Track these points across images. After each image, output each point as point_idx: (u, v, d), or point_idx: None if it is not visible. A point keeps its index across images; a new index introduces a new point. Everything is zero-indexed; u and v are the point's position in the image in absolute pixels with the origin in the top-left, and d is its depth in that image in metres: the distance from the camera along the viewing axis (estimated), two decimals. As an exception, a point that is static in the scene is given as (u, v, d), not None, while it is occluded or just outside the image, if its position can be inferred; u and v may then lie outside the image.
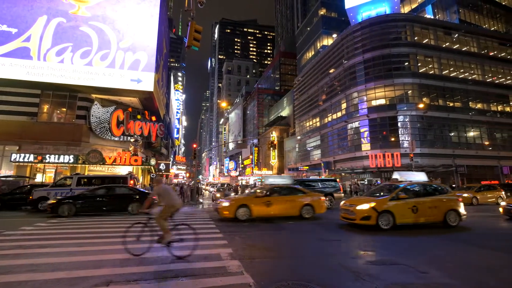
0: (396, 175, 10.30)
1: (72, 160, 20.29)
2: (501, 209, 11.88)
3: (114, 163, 21.54)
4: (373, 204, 8.40)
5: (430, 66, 35.47)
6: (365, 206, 8.48)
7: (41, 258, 5.31)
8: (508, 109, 37.93)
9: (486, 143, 35.43)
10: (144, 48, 21.91)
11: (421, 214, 8.63)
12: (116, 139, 23.46)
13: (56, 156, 20.14)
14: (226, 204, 10.79)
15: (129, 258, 5.26)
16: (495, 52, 38.98)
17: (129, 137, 24.11)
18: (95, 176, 16.47)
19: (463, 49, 37.17)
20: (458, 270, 4.77)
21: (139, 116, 24.99)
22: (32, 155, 19.64)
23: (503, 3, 45.24)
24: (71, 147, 21.42)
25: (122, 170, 22.65)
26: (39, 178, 21.59)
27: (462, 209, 9.12)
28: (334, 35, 49.54)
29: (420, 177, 10.20)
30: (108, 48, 21.09)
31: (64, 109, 22.57)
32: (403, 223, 8.56)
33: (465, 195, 18.31)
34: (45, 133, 21.10)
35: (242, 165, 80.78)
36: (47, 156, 19.96)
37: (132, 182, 15.30)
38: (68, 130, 21.79)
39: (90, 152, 20.67)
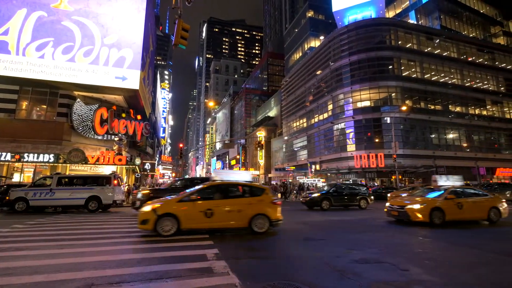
0: (213, 174, 9.21)
1: (52, 159, 19.60)
2: (385, 210, 10.91)
3: (97, 163, 21.00)
4: (155, 206, 7.34)
5: (413, 69, 36.63)
6: (147, 208, 7.39)
7: (18, 261, 5.08)
8: (484, 112, 39.71)
9: (464, 144, 36.97)
10: (129, 45, 21.41)
11: (218, 219, 7.47)
12: (100, 137, 22.84)
13: (35, 154, 19.40)
14: None
15: (111, 260, 5.13)
16: (474, 58, 40.72)
17: (113, 136, 23.52)
18: (76, 176, 15.98)
19: (444, 54, 38.61)
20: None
21: (123, 115, 24.42)
22: (9, 154, 18.83)
23: (481, 11, 47.36)
24: (51, 145, 20.65)
25: (105, 170, 22.07)
26: (16, 178, 20.72)
27: (277, 213, 7.98)
28: (322, 37, 50.27)
29: (242, 176, 9.27)
30: (92, 44, 20.48)
31: (45, 106, 21.73)
32: (191, 228, 7.48)
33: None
34: (24, 131, 20.25)
35: (229, 165, 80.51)
36: (25, 154, 19.19)
37: (116, 182, 14.93)
38: (49, 128, 20.99)
39: (71, 151, 20.02)
